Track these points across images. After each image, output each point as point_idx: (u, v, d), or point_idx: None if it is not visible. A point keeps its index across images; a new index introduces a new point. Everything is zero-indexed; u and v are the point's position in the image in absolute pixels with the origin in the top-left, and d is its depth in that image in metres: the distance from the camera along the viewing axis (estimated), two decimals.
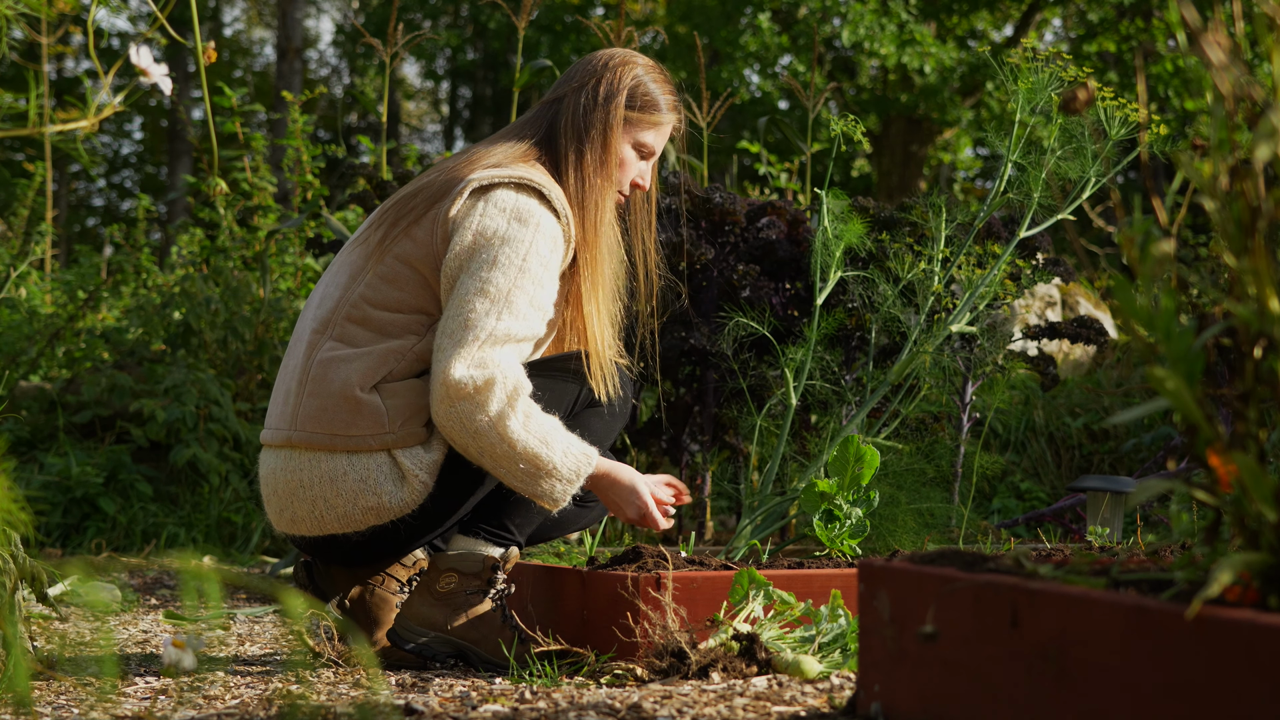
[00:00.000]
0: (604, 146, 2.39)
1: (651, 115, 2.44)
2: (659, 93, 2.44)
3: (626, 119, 2.41)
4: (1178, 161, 1.33)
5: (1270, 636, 1.13)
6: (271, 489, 2.34)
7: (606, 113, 2.39)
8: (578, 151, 2.38)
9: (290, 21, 13.27)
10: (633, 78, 2.42)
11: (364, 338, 2.29)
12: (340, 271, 2.38)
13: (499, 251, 2.24)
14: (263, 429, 2.44)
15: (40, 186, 7.29)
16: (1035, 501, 5.23)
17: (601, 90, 2.40)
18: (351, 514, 2.27)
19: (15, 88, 13.74)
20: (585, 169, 2.37)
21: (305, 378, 2.31)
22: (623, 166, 2.43)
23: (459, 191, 2.29)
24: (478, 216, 2.27)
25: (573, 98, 2.41)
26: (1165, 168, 13.90)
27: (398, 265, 2.30)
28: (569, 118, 2.39)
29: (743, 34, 13.20)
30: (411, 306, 2.30)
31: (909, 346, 3.14)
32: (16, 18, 2.01)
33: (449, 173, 2.34)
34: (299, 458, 2.29)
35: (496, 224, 2.26)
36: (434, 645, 2.34)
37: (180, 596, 3.61)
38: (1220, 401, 3.39)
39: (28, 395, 5.41)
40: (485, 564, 2.35)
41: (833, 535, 2.77)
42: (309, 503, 2.29)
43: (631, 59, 2.44)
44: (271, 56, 23.30)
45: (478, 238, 2.25)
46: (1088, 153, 2.99)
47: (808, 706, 1.87)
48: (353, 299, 2.31)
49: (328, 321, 2.32)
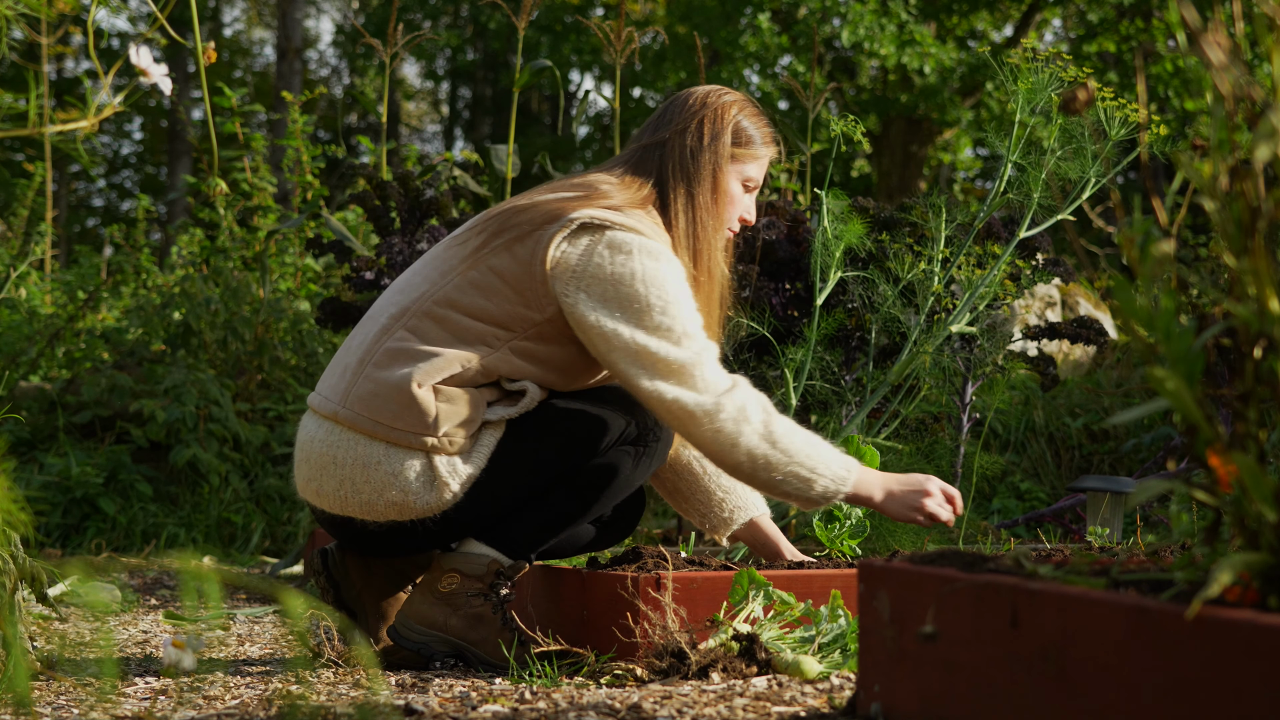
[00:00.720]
0: (714, 187, 2.42)
1: (754, 150, 2.46)
2: (758, 127, 2.47)
3: (733, 155, 2.44)
4: (1178, 162, 1.33)
5: (1270, 637, 1.13)
6: (305, 455, 2.35)
7: (714, 153, 2.42)
8: (688, 194, 2.40)
9: (290, 22, 13.27)
10: (733, 115, 2.45)
11: (437, 336, 2.29)
12: (431, 266, 2.39)
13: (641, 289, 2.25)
14: (312, 392, 2.44)
15: (40, 187, 7.29)
16: (1035, 502, 5.23)
17: (706, 131, 2.42)
18: (375, 503, 2.28)
19: (15, 88, 13.74)
20: (697, 211, 2.40)
21: (367, 359, 2.31)
22: (731, 204, 2.45)
23: (570, 221, 2.28)
24: (605, 259, 2.25)
25: (677, 140, 2.42)
26: (1165, 168, 13.90)
27: (491, 276, 2.30)
28: (676, 160, 2.41)
29: (742, 34, 13.20)
30: (493, 318, 2.30)
31: (909, 347, 3.14)
32: (16, 18, 2.01)
33: (562, 203, 2.32)
34: (340, 434, 2.30)
35: (629, 266, 2.26)
36: (433, 644, 2.35)
37: (180, 597, 3.61)
38: (1220, 402, 3.39)
39: (28, 395, 5.41)
40: (490, 569, 2.35)
41: (832, 535, 2.77)
42: (337, 480, 2.30)
43: (728, 96, 2.47)
44: (271, 57, 23.30)
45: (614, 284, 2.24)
46: (1087, 153, 2.99)
47: (808, 707, 1.87)
48: (437, 295, 2.32)
49: (406, 310, 2.33)
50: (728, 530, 2.65)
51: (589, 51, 14.63)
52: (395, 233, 4.12)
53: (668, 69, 13.92)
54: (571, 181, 2.41)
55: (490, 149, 4.57)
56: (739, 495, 2.64)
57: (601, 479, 2.35)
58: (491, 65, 20.32)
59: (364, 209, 4.23)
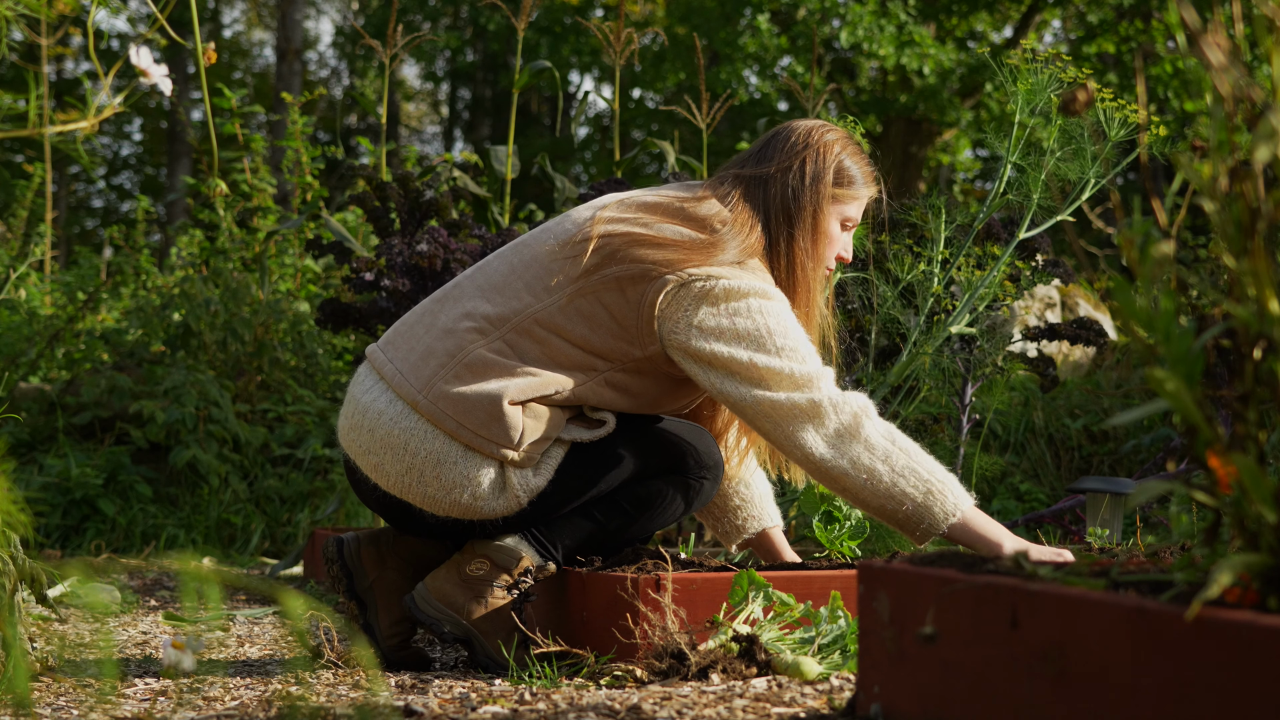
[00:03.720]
0: (815, 228, 2.42)
1: (855, 190, 2.47)
2: (859, 165, 2.47)
3: (834, 196, 2.44)
4: (1177, 163, 1.33)
5: (1270, 638, 1.13)
6: (369, 426, 2.33)
7: (816, 193, 2.42)
8: (789, 236, 2.41)
9: (290, 23, 13.27)
10: (835, 155, 2.45)
11: (535, 356, 2.30)
12: (534, 272, 2.35)
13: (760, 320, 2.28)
14: (378, 349, 2.39)
15: (40, 188, 7.29)
16: (1035, 503, 5.23)
17: (809, 171, 2.42)
18: (440, 499, 2.29)
19: (15, 89, 13.74)
20: (796, 253, 2.41)
21: (459, 355, 2.30)
22: (831, 244, 2.46)
23: (689, 275, 2.28)
24: (720, 306, 2.28)
25: (780, 179, 2.42)
26: (1165, 169, 13.90)
27: (600, 310, 2.31)
28: (778, 202, 2.41)
29: (742, 35, 13.20)
30: (594, 349, 2.31)
31: (908, 348, 3.14)
32: (16, 19, 2.01)
33: (684, 252, 2.30)
34: (417, 422, 2.30)
35: (745, 304, 2.28)
36: (445, 624, 2.35)
37: (180, 598, 3.61)
38: (1220, 403, 3.39)
39: (27, 396, 5.41)
40: (520, 564, 2.37)
41: (832, 536, 2.77)
42: (405, 467, 2.30)
43: (830, 134, 2.47)
44: (271, 58, 23.30)
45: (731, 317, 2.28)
46: (1087, 154, 2.99)
47: (807, 708, 1.87)
48: (540, 316, 2.31)
49: (505, 320, 2.32)
50: (739, 538, 2.67)
51: (588, 52, 14.64)
52: (395, 234, 4.12)
53: (667, 70, 13.92)
54: (689, 210, 2.37)
55: (490, 150, 4.57)
56: (755, 505, 2.67)
57: (650, 506, 2.40)
58: (491, 66, 20.32)
59: (364, 210, 4.23)
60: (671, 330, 2.29)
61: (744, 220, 2.38)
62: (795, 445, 2.27)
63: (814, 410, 2.26)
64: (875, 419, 2.28)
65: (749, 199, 2.41)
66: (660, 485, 2.40)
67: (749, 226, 2.38)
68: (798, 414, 2.26)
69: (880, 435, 2.28)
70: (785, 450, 2.30)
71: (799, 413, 2.26)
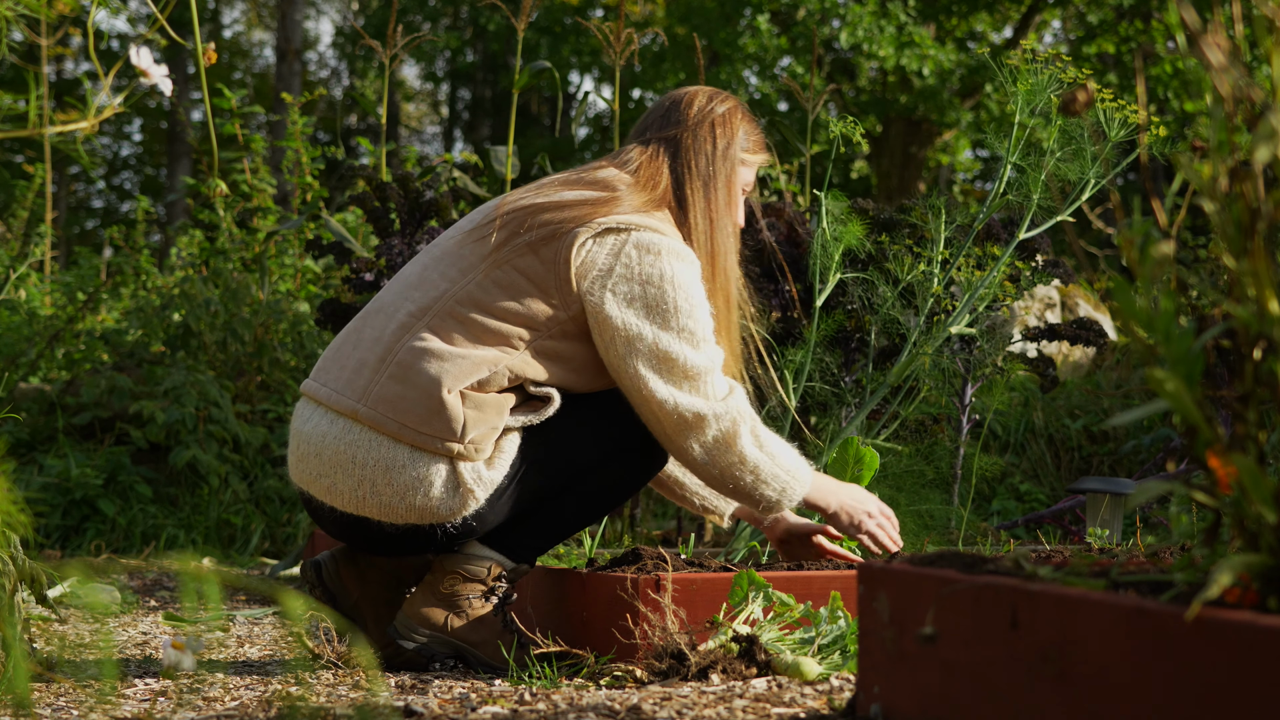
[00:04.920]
0: (729, 189, 2.48)
1: (757, 155, 2.53)
2: (755, 133, 2.54)
3: (741, 159, 2.50)
4: (1177, 163, 1.33)
5: (1270, 638, 1.13)
6: (315, 451, 2.31)
7: (729, 157, 2.48)
8: (705, 196, 2.45)
9: (290, 23, 13.27)
10: (738, 120, 2.51)
11: (461, 337, 2.29)
12: (446, 262, 2.37)
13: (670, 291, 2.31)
14: (311, 380, 2.40)
15: (40, 188, 7.29)
16: (1035, 503, 5.23)
17: (720, 134, 2.48)
18: (395, 506, 2.26)
19: (15, 89, 13.74)
20: (714, 213, 2.45)
21: (388, 357, 2.29)
22: (739, 205, 2.52)
23: (597, 225, 2.31)
24: (634, 260, 2.30)
25: (689, 140, 2.46)
26: (1165, 169, 13.91)
27: (516, 275, 2.31)
28: (692, 161, 2.46)
29: (742, 35, 13.21)
30: (518, 318, 2.30)
31: (908, 348, 3.14)
32: (16, 19, 2.01)
33: (589, 205, 2.34)
34: (360, 433, 2.28)
35: (658, 267, 2.31)
36: (433, 645, 2.34)
37: (179, 598, 3.61)
38: (1220, 403, 3.39)
39: (27, 397, 5.41)
40: (492, 571, 2.36)
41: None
42: (356, 481, 2.27)
43: (730, 100, 2.53)
44: (271, 58, 23.30)
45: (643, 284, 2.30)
46: (1087, 154, 2.99)
47: (807, 708, 1.87)
48: (459, 295, 2.31)
49: (427, 309, 2.31)
50: (729, 510, 2.69)
51: (588, 53, 14.64)
52: (395, 234, 4.12)
53: (667, 70, 13.92)
54: (587, 178, 2.41)
55: (490, 150, 4.57)
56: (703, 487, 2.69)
57: (609, 487, 2.40)
58: (491, 67, 20.32)
59: (363, 210, 4.23)
60: (588, 290, 2.30)
61: (648, 178, 2.42)
62: (676, 446, 2.35)
63: (697, 422, 2.31)
64: (748, 428, 2.34)
65: (655, 161, 2.45)
66: (617, 467, 2.39)
67: (653, 184, 2.42)
68: (682, 424, 2.31)
69: (750, 446, 2.35)
70: (665, 443, 2.36)
71: (683, 423, 2.31)
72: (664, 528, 4.93)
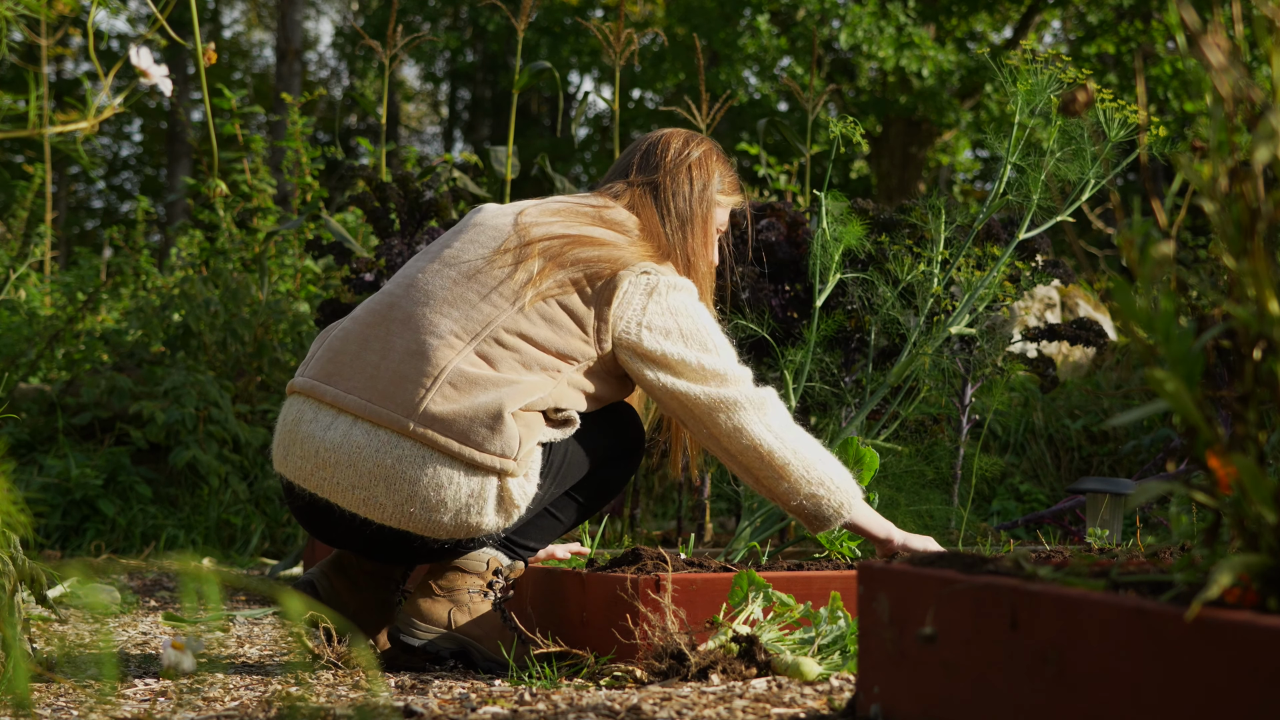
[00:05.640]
0: (705, 231, 2.60)
1: (731, 197, 2.66)
2: (729, 175, 2.67)
3: (716, 201, 2.63)
4: (1177, 163, 1.33)
5: (1270, 638, 1.13)
6: (345, 461, 2.29)
7: (705, 199, 2.60)
8: (683, 240, 2.57)
9: (289, 23, 13.27)
10: (714, 163, 2.64)
11: (511, 364, 2.32)
12: (483, 282, 2.39)
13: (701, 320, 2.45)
14: (316, 381, 2.38)
15: (40, 188, 7.29)
16: (1035, 503, 5.23)
17: (696, 178, 2.60)
18: (443, 523, 2.28)
19: (15, 89, 13.74)
20: (691, 255, 2.58)
21: (437, 374, 2.29)
22: (715, 245, 2.64)
23: (634, 268, 2.41)
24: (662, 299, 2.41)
25: (670, 185, 2.58)
26: (1165, 170, 13.91)
27: (559, 311, 2.37)
28: (673, 206, 2.58)
29: (741, 36, 13.21)
30: (559, 351, 2.36)
31: (908, 348, 3.14)
32: (16, 19, 2.01)
33: (620, 248, 2.44)
34: (410, 448, 2.27)
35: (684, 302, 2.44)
36: (439, 643, 2.35)
37: (179, 598, 3.61)
38: (1219, 403, 3.39)
39: (27, 397, 5.41)
40: (489, 567, 2.38)
41: (832, 537, 2.77)
42: (405, 496, 2.27)
43: (705, 143, 2.66)
44: (271, 58, 23.30)
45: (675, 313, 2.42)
46: (1087, 155, 2.99)
47: (807, 708, 1.87)
48: (506, 322, 2.34)
49: (476, 334, 2.33)
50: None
51: (588, 53, 14.64)
52: (395, 234, 4.12)
53: (667, 70, 13.92)
54: (606, 217, 2.51)
55: (490, 151, 4.57)
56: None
57: (600, 489, 2.50)
58: (491, 67, 20.32)
59: (363, 211, 4.23)
60: (624, 330, 2.38)
61: (649, 222, 2.54)
62: (743, 435, 2.41)
63: (760, 402, 2.42)
64: (782, 415, 2.47)
65: (645, 204, 2.56)
66: (607, 470, 2.48)
67: (654, 229, 2.54)
68: (747, 405, 2.41)
69: (799, 428, 2.47)
70: (730, 441, 2.42)
71: (750, 404, 2.41)
72: (664, 528, 4.93)
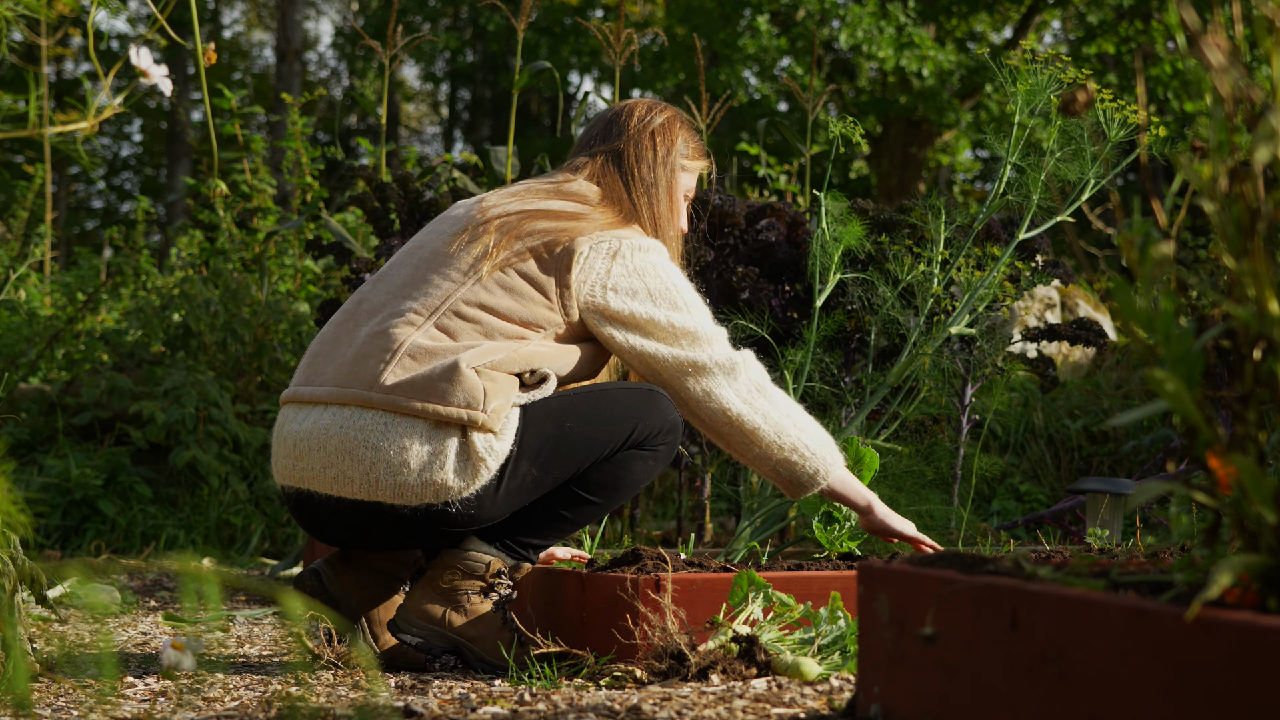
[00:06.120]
0: (670, 197, 2.59)
1: (696, 162, 2.65)
2: (695, 141, 2.66)
3: (682, 167, 2.62)
4: (1177, 163, 1.33)
5: (1270, 638, 1.13)
6: (316, 445, 2.30)
7: (669, 167, 2.60)
8: (650, 205, 2.57)
9: (289, 23, 13.27)
10: (678, 130, 2.63)
11: (469, 334, 2.32)
12: (441, 261, 2.40)
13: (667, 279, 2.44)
14: (297, 387, 2.40)
15: (40, 188, 7.29)
16: (1035, 503, 5.23)
17: (660, 145, 2.59)
18: (410, 485, 2.25)
19: (15, 89, 13.74)
20: (659, 221, 2.57)
21: (396, 349, 2.29)
22: (682, 211, 2.64)
23: (591, 235, 2.40)
24: (627, 259, 2.41)
25: (632, 153, 2.58)
26: (1165, 170, 13.91)
27: (519, 280, 2.36)
28: (638, 174, 2.58)
29: (741, 36, 13.20)
30: (522, 320, 2.35)
31: (908, 348, 3.14)
32: (16, 20, 2.01)
33: (576, 219, 2.43)
34: (372, 417, 2.26)
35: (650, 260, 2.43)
36: (433, 640, 2.35)
37: (179, 598, 3.61)
38: (1219, 404, 3.39)
39: (27, 397, 5.41)
40: (491, 567, 2.36)
41: (832, 537, 2.77)
42: (368, 464, 2.26)
43: (668, 110, 2.65)
44: (271, 58, 23.30)
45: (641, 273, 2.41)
46: (1087, 155, 2.99)
47: (807, 709, 1.87)
48: (465, 295, 2.34)
49: (434, 309, 2.33)
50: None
51: (588, 53, 14.64)
52: (395, 234, 4.12)
53: (667, 70, 13.91)
54: (564, 189, 2.51)
55: (490, 151, 4.57)
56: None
57: (612, 483, 2.39)
58: (491, 67, 20.32)
59: (363, 211, 4.23)
60: (589, 294, 2.38)
61: (612, 190, 2.54)
62: (711, 400, 2.42)
63: (730, 367, 2.43)
64: (763, 380, 2.47)
65: (607, 173, 2.56)
66: (621, 461, 2.38)
67: (618, 195, 2.53)
68: (716, 371, 2.42)
69: (777, 390, 2.47)
70: (698, 406, 2.43)
71: (718, 369, 2.42)
72: (664, 528, 4.93)
